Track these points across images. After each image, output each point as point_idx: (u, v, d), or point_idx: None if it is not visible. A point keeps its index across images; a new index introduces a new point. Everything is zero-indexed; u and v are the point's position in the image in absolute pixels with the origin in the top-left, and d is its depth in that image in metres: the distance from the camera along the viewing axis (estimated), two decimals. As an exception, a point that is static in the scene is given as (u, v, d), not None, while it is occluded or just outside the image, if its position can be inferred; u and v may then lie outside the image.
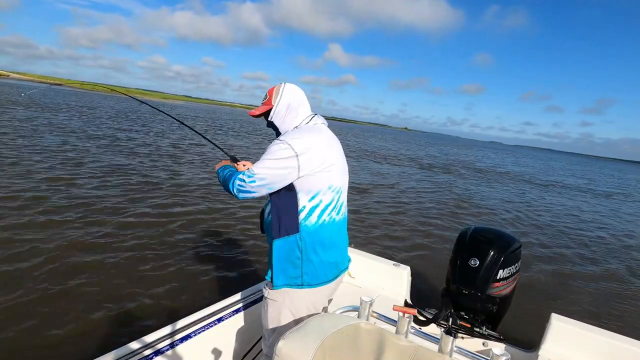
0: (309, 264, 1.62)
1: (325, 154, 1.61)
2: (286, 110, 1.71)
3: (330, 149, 1.66)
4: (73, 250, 4.49)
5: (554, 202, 14.67)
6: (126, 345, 1.69)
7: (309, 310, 1.69)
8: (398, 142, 52.38)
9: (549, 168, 40.10)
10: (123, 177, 8.49)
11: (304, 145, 1.56)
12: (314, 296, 1.68)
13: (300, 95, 1.74)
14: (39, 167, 8.29)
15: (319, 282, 1.66)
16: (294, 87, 1.75)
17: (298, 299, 1.66)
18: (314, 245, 1.61)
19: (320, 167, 1.59)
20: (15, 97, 29.80)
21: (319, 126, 1.73)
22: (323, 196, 1.61)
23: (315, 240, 1.62)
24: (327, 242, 1.65)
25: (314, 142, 1.60)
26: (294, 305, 1.67)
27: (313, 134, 1.64)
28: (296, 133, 1.61)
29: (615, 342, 1.99)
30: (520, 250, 2.31)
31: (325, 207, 1.63)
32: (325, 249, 1.65)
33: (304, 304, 1.67)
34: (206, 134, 22.51)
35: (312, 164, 1.57)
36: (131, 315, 3.42)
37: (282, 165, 1.53)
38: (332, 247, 1.68)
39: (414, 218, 8.56)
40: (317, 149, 1.59)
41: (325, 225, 1.63)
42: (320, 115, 1.80)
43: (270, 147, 1.58)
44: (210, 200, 7.60)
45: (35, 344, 2.92)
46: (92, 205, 6.18)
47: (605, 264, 7.18)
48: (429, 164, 23.10)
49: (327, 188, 1.62)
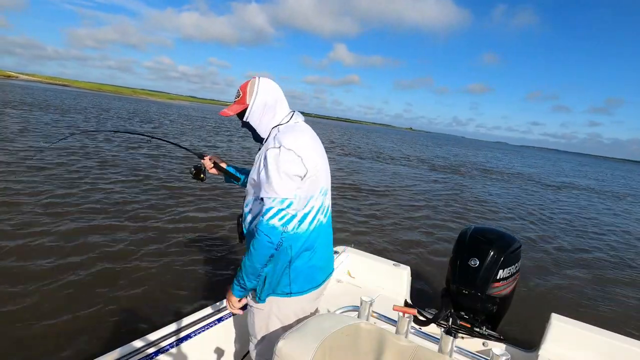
0: (297, 272, 1.54)
1: (315, 157, 1.53)
2: (263, 109, 1.56)
3: (316, 151, 1.56)
4: (72, 251, 4.52)
5: (557, 202, 14.55)
6: (126, 345, 1.69)
7: (297, 317, 1.61)
8: (404, 142, 52.17)
9: (559, 169, 39.72)
10: (122, 177, 8.55)
11: (299, 146, 1.46)
12: (302, 303, 1.60)
13: (277, 92, 1.61)
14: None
15: (308, 289, 1.59)
16: (269, 82, 1.60)
17: (286, 307, 1.58)
18: (302, 252, 1.54)
19: (313, 172, 1.50)
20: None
21: (302, 126, 1.61)
22: (315, 201, 1.53)
23: (304, 247, 1.53)
24: (316, 246, 1.57)
25: (305, 142, 1.51)
26: (282, 314, 1.59)
27: (301, 136, 1.53)
28: (289, 136, 1.49)
29: (615, 342, 1.99)
30: (520, 250, 2.31)
31: (316, 213, 1.55)
32: (314, 254, 1.57)
33: (292, 312, 1.60)
34: (220, 134, 22.66)
35: (309, 166, 1.48)
36: (131, 316, 3.43)
37: (291, 170, 1.43)
38: (319, 251, 1.60)
39: (414, 218, 8.54)
40: (311, 149, 1.51)
41: (314, 230, 1.55)
42: (299, 112, 1.66)
43: (274, 159, 1.43)
44: (211, 200, 7.63)
45: (34, 342, 2.94)
46: (87, 205, 6.22)
47: (606, 263, 7.13)
48: (434, 164, 23.00)
49: (318, 192, 1.54)
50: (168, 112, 42.50)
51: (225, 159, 2.07)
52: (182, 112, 47.35)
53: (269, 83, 1.60)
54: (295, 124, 1.60)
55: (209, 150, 14.37)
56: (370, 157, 22.28)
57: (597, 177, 34.79)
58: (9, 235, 4.64)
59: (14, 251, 4.28)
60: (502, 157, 48.31)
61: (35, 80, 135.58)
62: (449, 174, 19.00)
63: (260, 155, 1.55)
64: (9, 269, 3.90)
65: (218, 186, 8.94)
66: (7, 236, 4.61)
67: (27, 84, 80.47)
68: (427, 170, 19.52)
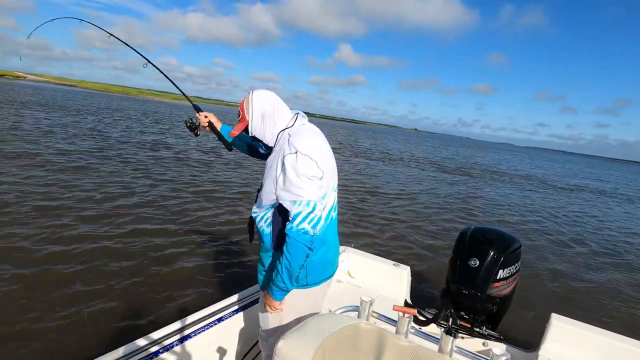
0: (312, 266, 1.62)
1: (327, 158, 1.60)
2: (262, 120, 1.63)
3: (328, 152, 1.64)
4: (70, 251, 4.55)
5: (558, 202, 14.45)
6: (126, 345, 1.70)
7: (311, 309, 1.71)
8: (408, 143, 51.99)
9: (568, 171, 39.33)
10: (121, 177, 8.61)
11: (313, 150, 1.53)
12: (314, 294, 1.70)
13: (273, 100, 1.65)
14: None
15: (321, 280, 1.69)
16: (262, 93, 1.65)
17: (300, 299, 1.67)
18: (319, 247, 1.60)
19: (328, 173, 1.57)
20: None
21: (310, 127, 1.68)
22: (328, 199, 1.60)
23: (321, 242, 1.60)
24: (328, 240, 1.66)
25: (320, 148, 1.57)
26: (297, 305, 1.67)
27: (314, 139, 1.60)
28: (303, 140, 1.54)
29: (615, 342, 1.99)
30: (521, 250, 2.31)
31: (330, 209, 1.62)
32: (328, 248, 1.67)
33: (306, 303, 1.69)
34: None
35: (324, 168, 1.55)
36: (130, 316, 3.45)
37: (312, 173, 1.49)
38: (331, 245, 1.70)
39: (415, 218, 8.53)
40: (325, 155, 1.58)
41: (329, 225, 1.63)
42: (303, 113, 1.70)
43: (291, 164, 1.49)
44: (211, 200, 7.66)
45: (35, 340, 2.97)
46: (86, 202, 6.28)
47: (606, 263, 7.09)
48: (437, 165, 22.93)
49: (331, 189, 1.61)
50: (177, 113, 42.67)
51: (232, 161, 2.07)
52: (189, 111, 47.46)
53: (262, 95, 1.65)
54: (302, 126, 1.65)
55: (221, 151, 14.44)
56: (372, 157, 22.23)
57: (606, 179, 34.41)
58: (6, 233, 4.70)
59: (13, 250, 4.34)
60: (510, 159, 47.95)
61: (43, 81, 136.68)
62: (449, 174, 18.93)
63: (274, 160, 1.59)
64: (9, 270, 3.93)
65: (219, 185, 9.01)
66: (5, 235, 4.67)
67: (37, 85, 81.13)
68: (427, 170, 19.48)
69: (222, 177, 10.36)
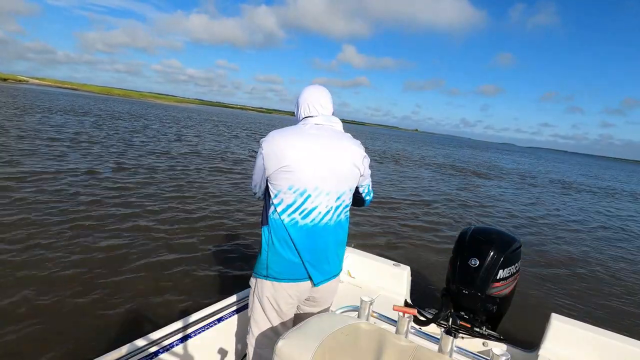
0: (274, 257, 1.65)
1: (287, 154, 1.59)
2: (297, 115, 1.81)
3: (295, 150, 1.60)
4: (73, 250, 4.57)
5: (560, 202, 14.40)
6: (126, 345, 1.70)
7: (269, 304, 1.70)
8: (410, 144, 52.01)
9: (569, 170, 39.28)
10: (122, 178, 8.64)
11: (268, 144, 1.63)
12: (276, 291, 1.68)
13: (304, 95, 1.76)
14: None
15: (281, 279, 1.66)
16: (307, 88, 1.80)
17: (263, 289, 1.70)
18: (279, 240, 1.64)
19: (277, 167, 1.60)
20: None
21: (300, 127, 1.70)
22: (284, 195, 1.62)
23: (280, 237, 1.64)
24: (293, 242, 1.64)
25: (280, 141, 1.62)
26: (260, 294, 1.71)
27: (285, 133, 1.65)
28: (271, 133, 1.68)
29: (615, 342, 1.99)
30: (521, 250, 2.31)
31: (287, 207, 1.62)
32: (289, 249, 1.65)
33: (265, 296, 1.70)
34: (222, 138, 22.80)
35: (271, 163, 1.61)
36: (130, 316, 3.45)
37: (257, 163, 1.68)
38: (297, 249, 1.65)
39: (415, 218, 8.52)
40: (280, 149, 1.60)
41: (289, 225, 1.63)
42: (320, 117, 1.72)
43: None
44: (211, 200, 7.67)
45: (36, 340, 2.98)
46: (84, 205, 6.29)
47: (607, 263, 7.07)
48: (437, 164, 22.92)
49: (287, 188, 1.61)
50: (193, 117, 42.75)
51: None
52: (192, 113, 47.54)
53: (305, 89, 1.80)
54: (294, 126, 1.73)
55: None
56: (372, 157, 22.21)
57: (610, 178, 34.37)
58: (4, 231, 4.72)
59: (12, 250, 4.35)
60: (509, 159, 47.91)
61: (45, 85, 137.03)
62: (449, 173, 18.90)
63: None
64: (7, 268, 3.96)
65: (218, 186, 9.01)
66: (5, 232, 4.69)
67: (39, 89, 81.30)
68: (427, 170, 19.45)
69: (223, 176, 10.41)
